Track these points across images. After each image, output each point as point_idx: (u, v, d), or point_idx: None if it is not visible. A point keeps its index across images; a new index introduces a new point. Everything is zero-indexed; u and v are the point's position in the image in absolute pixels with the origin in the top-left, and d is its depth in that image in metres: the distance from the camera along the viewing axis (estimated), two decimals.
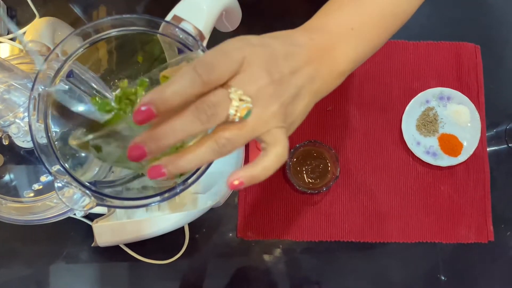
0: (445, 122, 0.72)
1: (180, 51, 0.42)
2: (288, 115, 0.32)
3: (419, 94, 0.72)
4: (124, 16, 0.39)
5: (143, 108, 0.26)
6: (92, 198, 0.37)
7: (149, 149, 0.27)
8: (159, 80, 0.33)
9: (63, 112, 0.39)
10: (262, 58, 0.30)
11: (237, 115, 0.28)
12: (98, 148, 0.31)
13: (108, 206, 0.39)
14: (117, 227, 0.56)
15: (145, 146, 0.27)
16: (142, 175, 0.50)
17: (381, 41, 0.40)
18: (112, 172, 0.49)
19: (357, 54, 0.38)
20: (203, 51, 0.40)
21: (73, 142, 0.31)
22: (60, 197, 0.37)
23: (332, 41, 0.36)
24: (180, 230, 0.67)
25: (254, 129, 0.29)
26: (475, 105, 0.72)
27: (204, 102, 0.27)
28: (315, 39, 0.36)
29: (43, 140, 0.37)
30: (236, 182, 0.30)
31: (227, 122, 0.29)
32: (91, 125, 0.35)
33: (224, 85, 0.29)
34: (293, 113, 0.33)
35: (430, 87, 0.72)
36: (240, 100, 0.28)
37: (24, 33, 0.63)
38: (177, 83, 0.27)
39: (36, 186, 0.49)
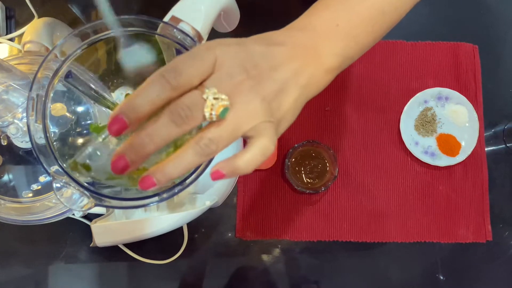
0: (443, 122, 0.73)
1: (178, 52, 0.42)
2: (275, 110, 0.31)
3: (417, 94, 0.72)
4: (122, 16, 0.39)
5: (114, 120, 0.26)
6: (91, 198, 0.37)
7: (130, 159, 0.27)
8: None
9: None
10: (237, 56, 0.30)
11: (213, 114, 0.27)
12: (87, 167, 0.31)
13: (107, 207, 0.39)
14: (115, 228, 0.56)
15: (126, 156, 0.27)
16: None
17: (371, 39, 0.39)
18: None
19: (344, 50, 0.37)
20: None
21: (68, 167, 0.31)
22: (58, 197, 0.37)
23: (316, 37, 0.36)
24: (179, 230, 0.67)
25: (236, 126, 0.29)
26: (473, 105, 0.72)
27: (178, 105, 0.27)
28: (297, 37, 0.35)
29: (42, 141, 0.37)
30: (222, 172, 0.29)
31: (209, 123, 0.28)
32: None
33: (199, 86, 0.28)
34: (281, 109, 0.32)
35: (428, 87, 0.73)
36: (215, 99, 0.28)
37: (23, 33, 0.63)
38: (145, 90, 0.27)
39: (34, 187, 0.49)
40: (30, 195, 0.49)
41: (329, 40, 0.36)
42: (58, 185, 0.36)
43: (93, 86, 0.43)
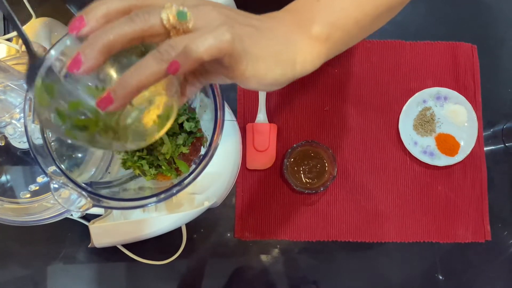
0: (442, 122, 0.73)
1: None
2: (243, 40, 0.29)
3: (416, 94, 0.72)
4: None
5: (75, 19, 0.27)
6: (88, 199, 0.37)
7: (84, 54, 0.26)
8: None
9: None
10: (207, 3, 0.30)
11: (170, 17, 0.27)
12: (50, 89, 0.30)
13: (105, 207, 0.39)
14: (113, 228, 0.56)
15: (80, 53, 0.27)
16: (139, 175, 0.50)
17: (368, 9, 0.38)
18: (109, 172, 0.49)
19: (328, 18, 0.36)
20: None
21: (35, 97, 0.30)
22: (56, 198, 0.36)
23: (297, 15, 0.36)
24: (178, 230, 0.67)
25: (195, 30, 0.28)
26: (472, 105, 0.72)
27: (138, 10, 0.28)
28: (280, 16, 0.36)
29: (39, 141, 0.37)
30: (171, 53, 0.28)
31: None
32: None
33: None
34: (252, 46, 0.30)
35: (427, 87, 0.73)
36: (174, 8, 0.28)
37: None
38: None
39: (32, 187, 0.49)
40: (28, 195, 0.49)
41: (310, 13, 0.36)
42: (56, 185, 0.36)
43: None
